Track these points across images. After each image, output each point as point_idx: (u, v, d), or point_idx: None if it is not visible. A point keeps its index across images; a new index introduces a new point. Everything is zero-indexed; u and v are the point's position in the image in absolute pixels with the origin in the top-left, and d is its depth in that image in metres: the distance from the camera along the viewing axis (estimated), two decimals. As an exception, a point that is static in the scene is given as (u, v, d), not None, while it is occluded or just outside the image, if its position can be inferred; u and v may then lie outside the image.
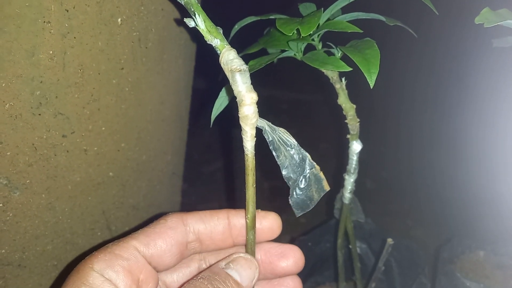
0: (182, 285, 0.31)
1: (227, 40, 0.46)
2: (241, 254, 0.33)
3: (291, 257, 0.37)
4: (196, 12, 0.26)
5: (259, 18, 0.44)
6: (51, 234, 0.42)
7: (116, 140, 0.44)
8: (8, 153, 0.37)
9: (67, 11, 0.35)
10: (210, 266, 0.33)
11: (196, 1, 0.27)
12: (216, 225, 0.35)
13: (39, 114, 0.37)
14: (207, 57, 0.31)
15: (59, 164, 0.40)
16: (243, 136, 0.30)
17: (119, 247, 0.31)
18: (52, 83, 0.37)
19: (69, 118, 0.39)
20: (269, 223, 0.36)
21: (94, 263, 0.30)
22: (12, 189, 0.38)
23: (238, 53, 0.44)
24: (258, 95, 0.29)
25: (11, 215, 0.39)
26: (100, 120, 0.41)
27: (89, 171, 0.43)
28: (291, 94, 1.58)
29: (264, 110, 0.34)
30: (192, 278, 0.31)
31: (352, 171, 0.45)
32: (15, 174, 0.38)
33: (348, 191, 0.47)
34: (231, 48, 0.27)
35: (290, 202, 0.33)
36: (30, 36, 0.34)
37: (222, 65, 0.27)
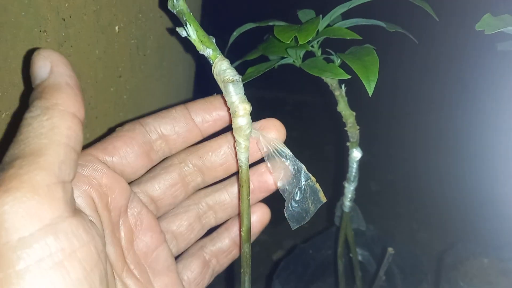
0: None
1: (227, 46, 0.46)
2: None
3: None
4: (188, 22, 0.25)
5: (257, 24, 0.43)
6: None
7: (114, 147, 0.44)
8: (5, 162, 0.37)
9: (64, 19, 0.35)
10: None
11: (189, 10, 0.27)
12: (176, 118, 0.34)
13: (36, 123, 0.37)
14: (208, 63, 0.31)
15: (57, 172, 0.40)
16: (236, 148, 0.29)
17: None
18: (49, 92, 0.36)
19: (66, 126, 0.39)
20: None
21: None
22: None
23: (238, 59, 0.44)
24: (263, 97, 0.28)
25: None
26: (97, 128, 0.41)
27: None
28: (295, 96, 1.57)
29: (268, 112, 0.34)
30: None
31: (352, 179, 0.45)
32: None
33: (348, 199, 0.47)
34: (224, 58, 0.27)
35: (286, 215, 0.32)
36: (26, 44, 0.34)
37: (214, 75, 0.27)
